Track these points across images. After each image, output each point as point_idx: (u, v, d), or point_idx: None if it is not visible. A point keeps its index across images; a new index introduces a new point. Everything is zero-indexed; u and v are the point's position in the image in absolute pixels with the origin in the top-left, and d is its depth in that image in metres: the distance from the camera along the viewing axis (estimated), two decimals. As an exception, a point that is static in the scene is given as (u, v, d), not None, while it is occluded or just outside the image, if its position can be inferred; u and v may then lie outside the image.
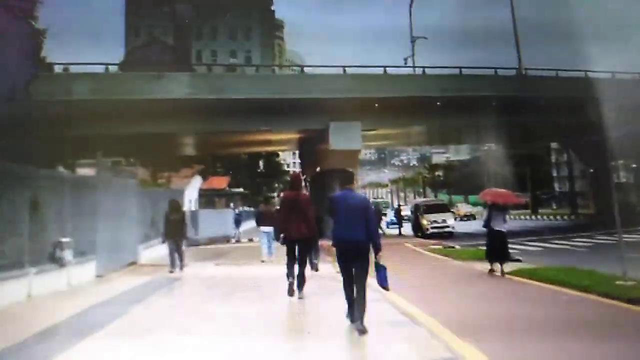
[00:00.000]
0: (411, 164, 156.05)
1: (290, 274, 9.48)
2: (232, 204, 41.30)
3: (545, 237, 25.19)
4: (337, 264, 7.29)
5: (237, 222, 30.41)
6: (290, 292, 9.37)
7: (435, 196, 75.41)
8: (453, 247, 21.28)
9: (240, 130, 30.58)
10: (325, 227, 12.34)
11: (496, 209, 13.05)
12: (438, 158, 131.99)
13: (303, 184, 10.61)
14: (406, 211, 42.49)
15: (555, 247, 20.90)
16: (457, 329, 6.90)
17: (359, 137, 28.86)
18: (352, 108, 27.47)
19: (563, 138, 44.68)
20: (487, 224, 13.14)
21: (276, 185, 61.65)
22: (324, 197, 31.77)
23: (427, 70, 31.66)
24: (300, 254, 9.42)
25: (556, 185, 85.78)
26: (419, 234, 30.49)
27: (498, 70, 32.19)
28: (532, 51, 42.40)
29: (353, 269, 6.99)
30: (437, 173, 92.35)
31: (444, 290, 10.97)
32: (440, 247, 21.62)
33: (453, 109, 29.40)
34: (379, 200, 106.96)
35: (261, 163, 56.53)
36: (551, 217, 51.53)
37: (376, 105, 28.19)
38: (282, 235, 9.46)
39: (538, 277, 11.49)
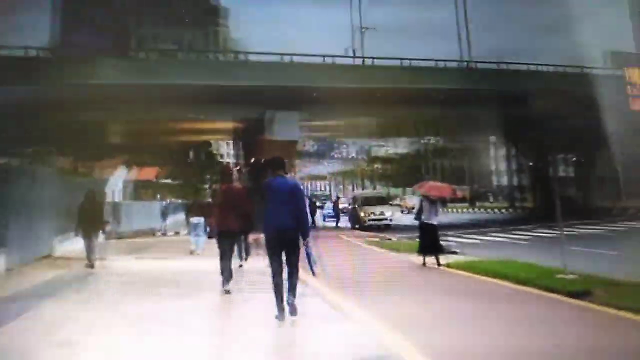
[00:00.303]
0: (351, 157, 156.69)
1: (224, 269, 9.19)
2: (158, 195, 40.32)
3: (484, 230, 25.64)
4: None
5: (164, 214, 29.76)
6: (225, 287, 9.08)
7: (374, 189, 76.00)
8: (390, 239, 21.39)
9: (174, 118, 29.73)
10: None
11: (427, 202, 13.26)
12: (378, 151, 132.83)
13: (235, 175, 10.34)
14: (345, 204, 42.68)
15: (494, 240, 21.17)
16: (391, 323, 6.82)
17: (296, 127, 28.60)
18: (291, 97, 27.11)
19: (504, 131, 45.62)
20: (418, 216, 13.41)
21: (208, 176, 60.55)
22: (259, 188, 31.67)
23: (370, 61, 31.56)
24: (232, 248, 9.40)
25: (495, 179, 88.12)
26: (357, 226, 30.71)
27: (444, 62, 32.41)
28: (479, 44, 43.07)
29: (283, 257, 7.03)
30: (376, 166, 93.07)
31: (377, 283, 10.81)
32: (378, 239, 21.61)
33: (395, 100, 29.45)
34: (318, 192, 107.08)
35: (191, 153, 55.32)
36: (489, 210, 52.71)
37: (315, 95, 27.89)
38: (216, 229, 9.35)
39: (476, 270, 11.55)
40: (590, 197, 39.76)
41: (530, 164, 43.63)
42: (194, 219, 16.18)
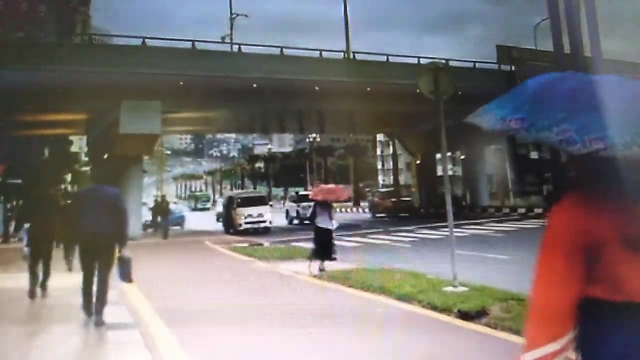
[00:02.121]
0: (231, 155, 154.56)
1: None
2: (2, 197, 36.49)
3: (366, 231, 25.07)
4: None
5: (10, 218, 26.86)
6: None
7: (255, 188, 74.58)
8: (261, 245, 20.31)
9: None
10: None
11: (321, 206, 13.14)
12: (261, 149, 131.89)
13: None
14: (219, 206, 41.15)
15: (376, 243, 20.38)
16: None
17: (158, 119, 26.47)
18: (152, 86, 25.06)
19: (390, 129, 45.66)
20: (312, 220, 13.51)
21: (66, 175, 56.45)
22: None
23: (244, 49, 30.03)
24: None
25: (380, 178, 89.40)
26: (231, 230, 29.05)
27: (324, 52, 31.42)
28: (362, 37, 42.91)
29: (96, 264, 7.71)
30: (257, 165, 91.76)
31: (221, 308, 9.10)
32: (247, 245, 20.26)
33: (271, 92, 28.11)
34: (198, 193, 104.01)
35: (46, 150, 51.14)
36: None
37: (181, 83, 25.94)
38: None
39: (352, 282, 10.40)
40: (478, 196, 40.55)
41: (417, 162, 43.91)
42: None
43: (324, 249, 12.80)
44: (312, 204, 15.12)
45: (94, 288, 7.63)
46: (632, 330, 2.00)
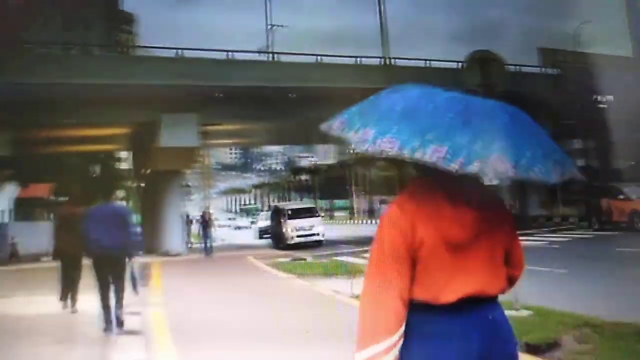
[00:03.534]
0: (277, 168, 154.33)
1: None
2: (52, 215, 36.18)
3: None
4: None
5: None
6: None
7: (301, 200, 73.37)
8: (304, 260, 18.83)
9: (53, 124, 26.00)
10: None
11: None
12: (305, 162, 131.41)
13: None
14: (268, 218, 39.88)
15: None
16: None
17: (195, 132, 25.44)
18: (188, 98, 24.09)
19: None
20: None
21: (115, 193, 56.32)
22: (154, 204, 28.28)
23: (280, 58, 28.90)
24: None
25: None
26: (281, 245, 26.75)
27: (362, 59, 29.99)
28: (399, 44, 41.37)
29: (109, 276, 8.13)
30: (302, 177, 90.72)
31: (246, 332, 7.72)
32: (289, 259, 18.93)
33: (309, 101, 26.82)
34: (249, 206, 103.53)
35: (97, 168, 51.00)
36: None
37: (218, 95, 24.91)
38: None
39: None
40: (526, 204, 38.26)
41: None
42: None
43: None
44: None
45: (111, 297, 8.15)
46: (440, 331, 2.06)
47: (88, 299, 9.34)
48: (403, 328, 2.06)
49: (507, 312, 6.27)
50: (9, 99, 22.05)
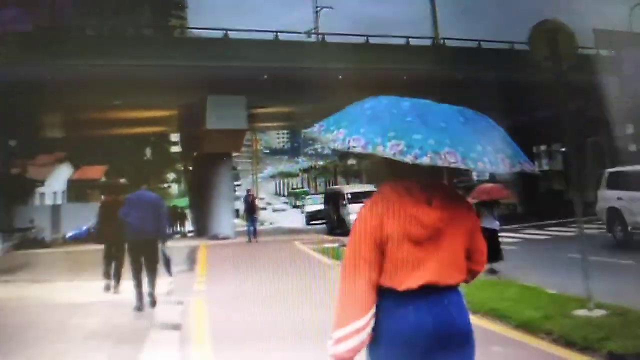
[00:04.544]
0: (325, 152, 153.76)
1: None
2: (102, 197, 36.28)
3: None
4: None
5: None
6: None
7: (348, 185, 72.23)
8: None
9: (99, 105, 25.75)
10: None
11: (483, 206, 12.20)
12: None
13: None
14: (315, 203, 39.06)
15: None
16: None
17: (242, 114, 24.77)
18: (235, 80, 23.47)
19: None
20: None
21: (168, 175, 56.36)
22: (203, 187, 27.86)
23: (329, 38, 27.93)
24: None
25: (474, 173, 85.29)
26: (339, 231, 24.56)
27: (412, 40, 28.76)
28: (450, 19, 39.83)
29: (142, 258, 8.62)
30: (349, 161, 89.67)
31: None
32: (337, 245, 18.02)
33: (357, 83, 25.80)
34: (297, 190, 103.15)
35: (148, 150, 50.94)
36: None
37: (265, 77, 24.15)
38: None
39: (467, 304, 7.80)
40: (583, 191, 36.36)
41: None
42: None
43: (490, 251, 10.90)
44: None
45: (144, 279, 8.64)
46: (399, 310, 2.39)
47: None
48: (373, 310, 2.38)
49: (578, 312, 5.29)
50: (61, 81, 21.91)
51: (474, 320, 6.68)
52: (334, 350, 2.36)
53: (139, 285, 8.62)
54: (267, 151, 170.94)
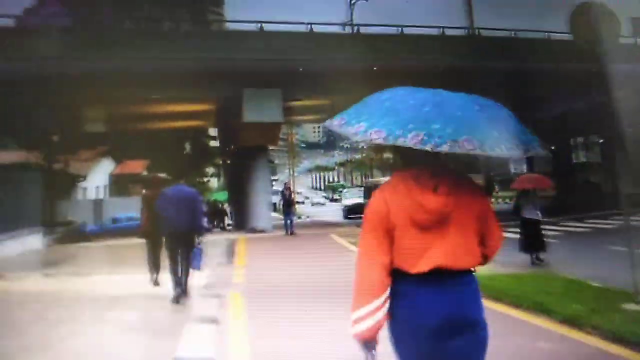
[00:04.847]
0: (360, 146, 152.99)
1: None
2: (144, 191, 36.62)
3: (503, 224, 21.15)
4: None
5: None
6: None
7: (385, 177, 71.56)
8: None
9: (137, 100, 25.96)
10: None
11: (525, 196, 12.48)
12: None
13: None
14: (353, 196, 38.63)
15: (514, 237, 17.02)
16: None
17: (278, 107, 24.65)
18: (270, 73, 23.37)
19: (520, 112, 41.01)
20: (516, 211, 12.69)
21: (207, 169, 56.66)
22: (240, 181, 27.86)
23: (363, 30, 27.57)
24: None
25: (512, 167, 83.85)
26: None
27: (445, 29, 28.16)
28: (484, 9, 38.95)
29: (179, 251, 8.69)
30: (384, 155, 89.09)
31: None
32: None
33: (392, 75, 25.42)
34: (334, 184, 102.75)
35: (187, 145, 51.23)
36: (507, 200, 47.87)
37: (300, 69, 23.97)
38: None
39: (496, 293, 7.48)
40: (623, 183, 35.20)
41: (552, 148, 39.10)
42: None
43: (533, 240, 12.05)
44: None
45: (179, 270, 8.70)
46: (414, 293, 2.50)
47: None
48: (387, 293, 2.51)
49: (626, 305, 4.99)
50: (100, 75, 22.11)
51: (518, 313, 6.48)
52: (354, 330, 2.52)
53: (175, 277, 8.72)
54: (304, 145, 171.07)
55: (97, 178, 40.82)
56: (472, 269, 2.58)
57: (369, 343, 2.52)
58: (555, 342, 5.46)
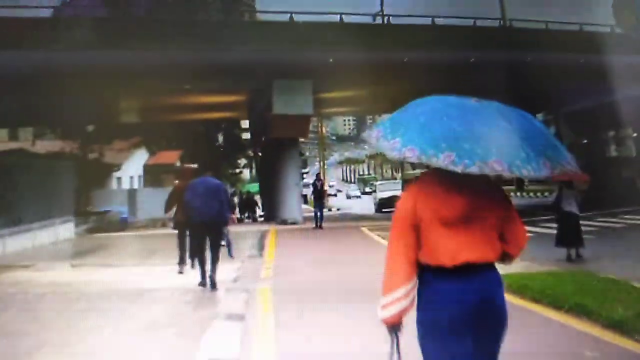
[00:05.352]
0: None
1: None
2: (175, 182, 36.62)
3: (532, 219, 20.36)
4: None
5: None
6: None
7: (414, 170, 70.55)
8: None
9: (169, 91, 25.86)
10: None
11: (567, 189, 12.02)
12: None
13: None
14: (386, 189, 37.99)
15: (548, 233, 16.31)
16: None
17: (310, 99, 24.25)
18: (302, 64, 23.01)
19: (551, 106, 39.91)
20: (556, 205, 12.34)
21: (239, 161, 56.48)
22: (271, 172, 27.61)
23: (394, 20, 27.03)
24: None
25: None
26: None
27: (477, 20, 27.40)
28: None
29: (206, 241, 9.08)
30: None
31: None
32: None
33: (423, 67, 24.89)
34: (366, 176, 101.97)
35: (220, 137, 51.13)
36: (538, 194, 46.55)
37: (331, 60, 23.52)
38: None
39: (534, 293, 7.02)
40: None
41: (585, 141, 37.98)
42: None
43: (572, 235, 11.74)
44: None
45: (208, 259, 9.01)
46: (439, 285, 2.65)
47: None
48: (412, 282, 2.72)
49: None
50: (134, 66, 22.07)
51: (558, 316, 6.02)
52: (381, 314, 2.72)
53: (202, 264, 9.08)
54: (334, 138, 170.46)
55: (131, 168, 41.04)
56: (494, 262, 2.73)
57: (394, 326, 2.73)
58: (602, 351, 4.98)
